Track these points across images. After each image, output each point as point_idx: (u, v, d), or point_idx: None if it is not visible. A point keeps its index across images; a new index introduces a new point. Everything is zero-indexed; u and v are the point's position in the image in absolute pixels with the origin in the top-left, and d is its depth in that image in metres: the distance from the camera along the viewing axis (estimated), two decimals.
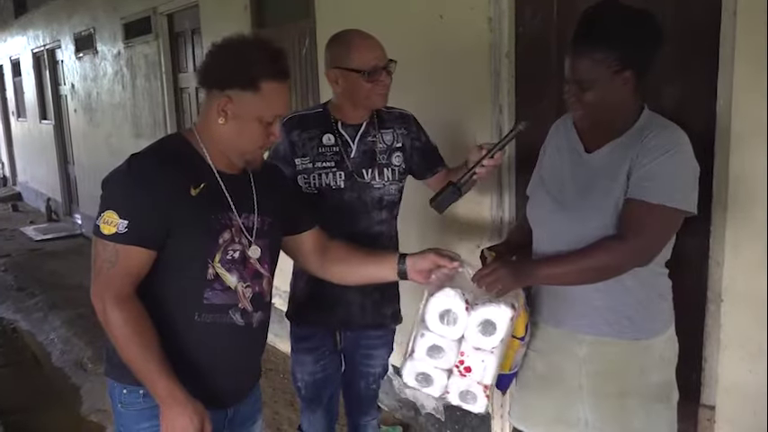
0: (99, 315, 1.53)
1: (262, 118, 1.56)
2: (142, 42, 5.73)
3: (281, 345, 4.33)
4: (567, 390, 1.74)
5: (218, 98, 1.54)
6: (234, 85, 1.52)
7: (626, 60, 1.55)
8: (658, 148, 1.56)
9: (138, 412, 1.61)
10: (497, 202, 2.62)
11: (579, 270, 1.61)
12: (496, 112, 2.53)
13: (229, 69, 1.53)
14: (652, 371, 1.69)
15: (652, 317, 1.68)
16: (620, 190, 1.59)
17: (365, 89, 2.02)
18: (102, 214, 1.51)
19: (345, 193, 2.10)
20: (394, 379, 3.27)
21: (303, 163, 2.10)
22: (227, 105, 1.53)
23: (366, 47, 2.01)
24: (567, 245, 1.66)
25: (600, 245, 1.59)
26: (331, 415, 2.35)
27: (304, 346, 2.25)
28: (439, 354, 1.70)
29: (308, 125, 2.11)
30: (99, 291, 1.52)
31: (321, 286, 2.16)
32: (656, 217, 1.55)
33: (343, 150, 2.10)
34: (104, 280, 1.51)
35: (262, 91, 1.52)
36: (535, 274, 1.66)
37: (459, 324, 1.63)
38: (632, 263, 1.60)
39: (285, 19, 3.93)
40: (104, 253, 1.51)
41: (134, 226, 1.48)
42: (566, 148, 1.76)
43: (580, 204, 1.66)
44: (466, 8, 2.59)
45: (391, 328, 2.33)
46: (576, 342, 1.71)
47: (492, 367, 1.65)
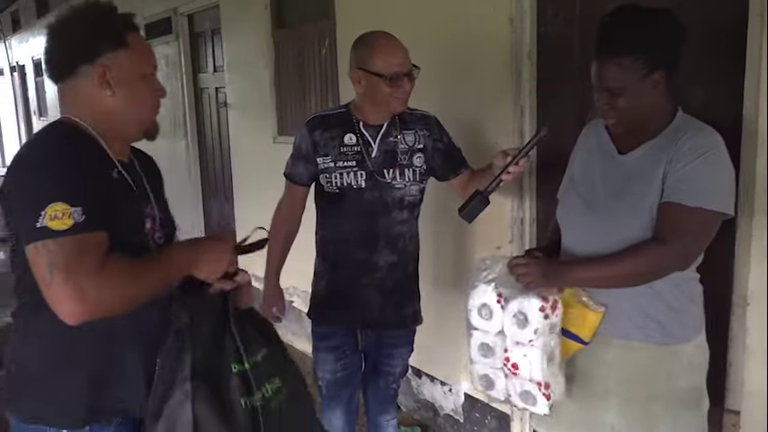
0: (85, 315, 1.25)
1: (144, 74, 1.45)
2: (163, 43, 5.76)
3: (298, 343, 4.35)
4: (592, 394, 1.73)
5: (93, 72, 1.39)
6: (105, 49, 1.39)
7: (654, 62, 1.53)
8: (694, 150, 1.54)
9: None
10: (518, 204, 2.61)
11: (616, 274, 1.60)
12: (518, 113, 2.52)
13: (94, 36, 1.39)
14: (680, 377, 1.66)
15: (682, 322, 1.66)
16: (654, 193, 1.57)
17: (385, 93, 2.03)
18: (45, 211, 1.24)
19: (366, 192, 2.11)
20: (413, 379, 3.29)
21: (325, 162, 2.11)
22: (108, 74, 1.39)
23: (390, 51, 2.02)
24: (598, 247, 1.64)
25: (637, 249, 1.57)
26: (351, 414, 2.35)
27: (325, 344, 2.26)
28: (490, 352, 1.73)
29: (330, 125, 2.13)
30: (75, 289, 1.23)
31: (341, 286, 2.18)
32: (695, 220, 1.53)
33: (364, 150, 2.11)
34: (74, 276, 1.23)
35: (131, 45, 1.42)
36: (571, 276, 1.65)
37: (495, 317, 1.68)
38: (671, 267, 1.59)
39: (305, 19, 3.94)
40: (62, 253, 1.24)
41: (92, 210, 1.27)
42: (597, 151, 1.74)
43: (613, 206, 1.64)
44: (488, 8, 2.57)
45: (412, 329, 2.33)
46: (604, 346, 1.69)
47: (537, 361, 1.64)
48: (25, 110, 12.50)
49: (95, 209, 1.28)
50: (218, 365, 1.38)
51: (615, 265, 1.60)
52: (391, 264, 2.17)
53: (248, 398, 1.38)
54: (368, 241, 2.14)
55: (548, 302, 1.62)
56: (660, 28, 1.54)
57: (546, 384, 1.68)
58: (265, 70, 4.24)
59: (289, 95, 4.14)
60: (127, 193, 1.43)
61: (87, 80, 1.40)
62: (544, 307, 1.62)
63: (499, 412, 2.87)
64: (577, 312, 1.67)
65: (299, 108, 4.05)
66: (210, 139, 5.47)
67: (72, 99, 1.44)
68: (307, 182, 2.20)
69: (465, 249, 2.90)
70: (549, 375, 1.67)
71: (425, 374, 3.26)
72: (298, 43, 3.97)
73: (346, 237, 2.15)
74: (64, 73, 1.43)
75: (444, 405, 3.20)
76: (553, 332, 1.66)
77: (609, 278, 1.62)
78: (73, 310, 1.23)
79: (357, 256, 2.15)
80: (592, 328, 1.68)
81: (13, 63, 12.68)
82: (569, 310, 1.68)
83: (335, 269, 2.19)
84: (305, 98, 3.99)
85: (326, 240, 2.21)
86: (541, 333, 1.63)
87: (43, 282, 1.25)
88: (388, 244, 2.15)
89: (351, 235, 2.14)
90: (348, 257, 2.16)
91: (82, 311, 1.24)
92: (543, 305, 1.62)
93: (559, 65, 2.43)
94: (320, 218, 2.23)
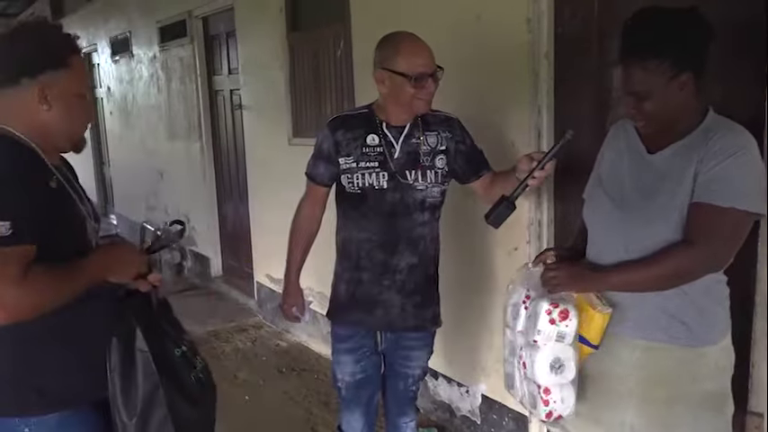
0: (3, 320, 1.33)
1: (80, 92, 1.55)
2: (177, 45, 5.80)
3: (314, 345, 4.36)
4: (613, 393, 1.71)
5: (33, 87, 1.47)
6: (47, 68, 1.48)
7: (680, 64, 1.52)
8: (725, 150, 1.52)
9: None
10: (536, 204, 2.60)
11: (648, 277, 1.59)
12: (535, 114, 2.51)
13: (39, 55, 1.48)
14: (705, 379, 1.65)
15: (708, 324, 1.64)
16: (685, 193, 1.55)
17: (410, 94, 2.03)
18: None
19: (388, 193, 2.11)
20: (429, 381, 3.29)
21: (347, 162, 2.11)
22: (47, 90, 1.47)
23: (415, 52, 2.02)
24: (626, 247, 1.64)
25: (669, 251, 1.55)
26: (370, 416, 2.35)
27: (345, 346, 2.26)
28: (513, 351, 1.77)
29: (352, 125, 2.13)
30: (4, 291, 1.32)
31: (362, 287, 2.18)
32: (727, 220, 1.51)
33: (386, 151, 2.11)
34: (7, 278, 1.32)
35: (72, 66, 1.52)
36: (599, 280, 1.65)
37: (520, 317, 1.71)
38: (702, 270, 1.57)
39: (320, 22, 3.95)
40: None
41: (19, 224, 1.35)
42: (626, 151, 1.73)
43: (642, 206, 1.63)
44: (505, 8, 2.57)
45: (431, 331, 2.33)
46: (628, 347, 1.68)
47: (538, 363, 1.66)
48: None
49: (24, 223, 1.35)
50: (168, 354, 1.57)
51: (644, 268, 1.59)
52: (412, 265, 2.17)
53: (194, 372, 1.62)
54: (389, 242, 2.14)
55: (556, 308, 1.63)
56: (685, 28, 1.52)
57: (546, 390, 1.69)
58: (280, 72, 4.26)
59: (304, 98, 4.15)
60: (66, 199, 1.52)
61: (27, 92, 1.47)
62: (550, 311, 1.63)
63: (516, 413, 2.86)
64: (585, 315, 1.66)
65: (315, 110, 4.06)
66: (225, 141, 5.49)
67: (7, 108, 1.49)
68: (328, 182, 2.20)
69: (482, 251, 2.89)
70: (553, 384, 1.68)
71: (442, 376, 3.26)
72: (313, 46, 3.97)
73: (367, 238, 2.15)
74: (5, 82, 1.49)
75: (461, 406, 3.19)
76: (562, 341, 1.66)
77: (638, 282, 1.61)
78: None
79: (378, 257, 2.15)
80: (599, 330, 1.67)
81: None
82: (579, 314, 1.67)
83: (356, 270, 2.19)
84: (320, 100, 4.00)
85: (347, 241, 2.21)
86: (547, 337, 1.64)
87: None
88: (409, 246, 2.15)
89: (372, 236, 2.14)
90: (369, 259, 2.16)
91: (1, 317, 1.33)
92: (550, 309, 1.63)
93: (577, 65, 2.43)
94: (341, 218, 2.22)
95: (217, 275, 5.87)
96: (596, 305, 1.65)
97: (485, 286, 2.90)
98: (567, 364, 1.67)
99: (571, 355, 1.68)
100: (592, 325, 1.66)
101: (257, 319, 4.98)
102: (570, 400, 1.72)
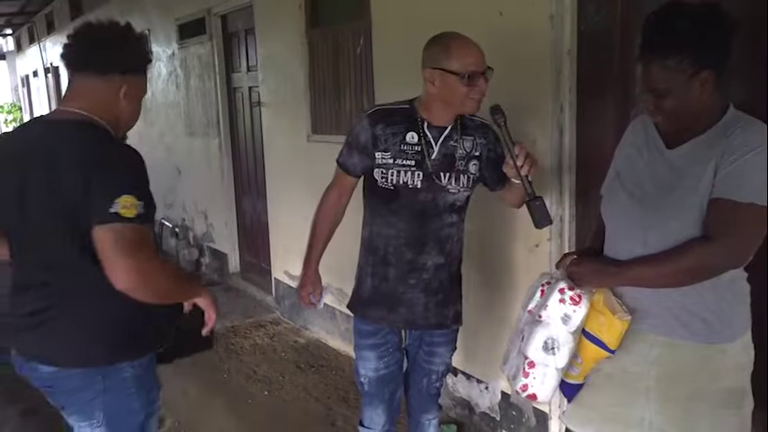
0: (133, 286, 1.62)
1: (143, 95, 1.87)
2: (196, 43, 5.83)
3: (332, 341, 4.38)
4: (631, 390, 1.72)
5: (119, 83, 1.74)
6: (136, 71, 1.80)
7: (700, 61, 1.51)
8: (745, 145, 1.51)
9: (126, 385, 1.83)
10: (557, 201, 2.60)
11: (669, 273, 1.58)
12: (557, 110, 2.51)
13: (135, 58, 1.79)
14: (724, 376, 1.64)
15: (728, 321, 1.64)
16: (705, 188, 1.55)
17: (461, 93, 2.01)
18: (119, 199, 1.58)
19: (421, 193, 2.11)
20: (449, 377, 3.30)
21: (384, 157, 2.11)
22: (128, 88, 1.76)
23: (467, 51, 2.01)
24: (644, 243, 1.63)
25: (689, 247, 1.55)
26: (392, 412, 2.36)
27: (368, 342, 2.27)
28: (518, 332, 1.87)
29: (393, 120, 2.12)
30: (143, 261, 1.61)
31: (388, 284, 2.18)
32: (748, 216, 1.50)
33: (425, 150, 2.10)
34: (145, 252, 1.63)
35: (144, 75, 1.84)
36: (621, 275, 1.66)
37: (534, 298, 1.78)
38: (722, 265, 1.57)
39: (340, 18, 3.96)
40: (129, 235, 1.60)
41: (146, 204, 1.65)
42: (644, 146, 1.72)
43: (660, 201, 1.62)
44: (526, 5, 2.57)
45: (453, 329, 2.34)
46: (648, 344, 1.68)
47: (533, 334, 1.73)
48: None
49: (148, 203, 1.66)
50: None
51: (664, 263, 1.58)
52: (438, 265, 2.18)
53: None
54: (418, 241, 2.14)
55: (571, 290, 1.67)
56: (706, 26, 1.51)
57: (531, 363, 1.74)
58: (299, 69, 4.27)
59: (323, 95, 4.17)
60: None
61: (113, 85, 1.74)
62: (564, 290, 1.68)
63: (537, 410, 2.86)
64: (605, 318, 1.67)
65: (334, 107, 4.07)
66: (244, 138, 5.52)
67: (91, 93, 1.73)
68: (359, 173, 2.19)
69: (504, 247, 2.89)
70: (540, 361, 1.72)
71: (462, 372, 3.27)
72: (332, 42, 3.98)
73: (396, 234, 2.15)
74: (97, 70, 1.73)
75: (480, 403, 3.20)
76: (565, 324, 1.68)
77: (656, 276, 1.61)
78: (128, 280, 1.60)
79: (406, 255, 2.15)
80: (617, 335, 1.67)
81: (48, 64, 12.91)
82: (598, 316, 1.68)
83: (383, 266, 2.19)
84: (339, 97, 4.01)
85: (375, 236, 2.20)
86: (552, 315, 1.68)
87: (105, 255, 1.59)
88: (436, 245, 2.15)
89: (401, 233, 2.14)
90: (396, 256, 2.16)
91: (134, 283, 1.61)
92: (564, 288, 1.68)
93: (600, 62, 2.42)
94: (369, 213, 2.22)
95: (234, 272, 5.91)
96: (617, 311, 1.66)
97: (506, 283, 2.90)
98: (561, 350, 1.70)
99: (568, 343, 1.70)
100: (611, 330, 1.67)
101: (275, 315, 5.01)
102: (550, 386, 1.76)
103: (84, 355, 1.76)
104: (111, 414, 1.81)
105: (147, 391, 1.88)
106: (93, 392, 1.78)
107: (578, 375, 1.77)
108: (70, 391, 1.79)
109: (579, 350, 1.73)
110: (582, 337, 1.72)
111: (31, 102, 16.02)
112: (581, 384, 1.82)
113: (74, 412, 1.84)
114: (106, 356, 1.77)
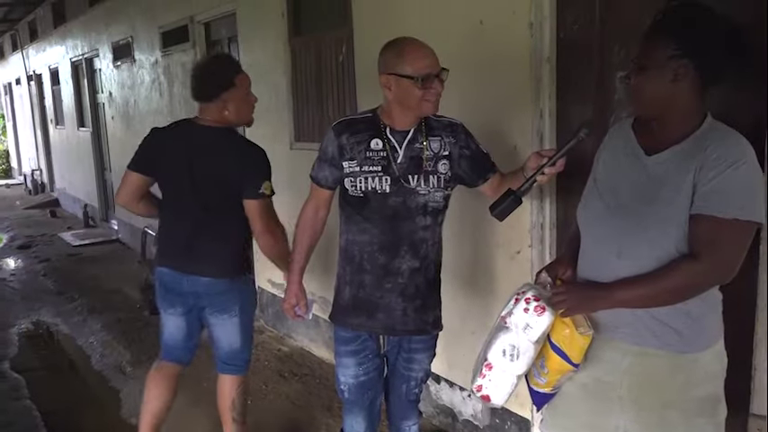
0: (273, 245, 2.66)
1: (243, 98, 2.70)
2: (179, 51, 5.81)
3: (316, 350, 4.36)
4: (605, 399, 1.72)
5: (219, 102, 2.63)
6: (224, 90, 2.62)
7: (683, 48, 1.53)
8: (723, 159, 1.51)
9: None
10: (538, 208, 2.61)
11: (657, 293, 1.58)
12: (537, 118, 2.53)
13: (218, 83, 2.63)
14: (697, 384, 1.65)
15: (701, 330, 1.64)
16: (683, 202, 1.55)
17: (417, 96, 2.04)
18: (264, 183, 2.59)
19: (391, 197, 2.12)
20: (431, 385, 3.29)
21: (350, 166, 2.13)
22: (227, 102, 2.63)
23: (420, 54, 2.04)
24: (619, 252, 1.64)
25: (675, 266, 1.55)
26: (373, 419, 2.35)
27: (347, 348, 2.27)
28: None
29: (357, 129, 2.15)
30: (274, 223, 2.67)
31: (364, 291, 2.19)
32: (731, 232, 1.51)
33: (390, 155, 2.12)
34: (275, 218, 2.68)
35: (237, 84, 2.66)
36: (609, 298, 1.65)
37: (508, 304, 1.77)
38: (710, 282, 1.58)
39: (322, 27, 3.97)
40: (269, 208, 2.65)
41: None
42: (622, 152, 1.73)
43: (637, 211, 1.62)
44: (507, 13, 2.58)
45: (433, 334, 2.33)
46: (620, 353, 1.68)
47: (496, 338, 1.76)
48: (42, 118, 12.62)
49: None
50: None
51: (652, 284, 1.58)
52: (414, 269, 2.18)
53: None
54: (391, 245, 2.15)
55: (537, 301, 1.68)
56: (697, 20, 1.54)
57: (488, 365, 1.76)
58: (282, 77, 4.27)
59: (306, 102, 4.17)
60: None
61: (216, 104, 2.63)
62: (529, 299, 1.69)
63: (519, 417, 2.86)
64: (569, 332, 1.67)
65: (317, 115, 4.07)
66: None
67: (210, 110, 2.65)
68: (332, 185, 2.22)
69: (485, 254, 2.90)
70: (497, 365, 1.74)
71: (444, 380, 3.26)
72: (315, 50, 3.99)
73: (369, 241, 2.16)
74: (207, 99, 2.64)
75: (463, 410, 3.19)
76: (527, 333, 1.69)
77: (646, 298, 1.61)
78: (267, 241, 2.65)
79: (380, 260, 2.16)
80: (579, 350, 1.68)
81: (30, 72, 12.82)
82: (564, 328, 1.69)
83: (358, 273, 2.20)
84: (322, 105, 4.01)
85: (350, 244, 2.21)
86: (515, 323, 1.70)
87: (255, 220, 2.61)
88: (410, 249, 2.16)
89: (374, 239, 2.15)
90: (371, 262, 2.17)
91: (272, 240, 2.65)
92: (530, 298, 1.70)
93: (579, 70, 2.44)
94: (344, 222, 2.23)
95: None
96: (579, 325, 1.67)
97: (487, 289, 2.90)
98: (520, 358, 1.71)
99: (529, 351, 1.71)
100: (573, 344, 1.67)
101: (259, 323, 4.98)
102: (504, 391, 1.77)
103: (230, 269, 2.70)
104: (242, 307, 2.75)
105: (254, 292, 2.95)
106: (233, 293, 2.71)
107: (546, 385, 1.77)
108: (218, 294, 2.69)
109: (546, 360, 1.73)
110: (549, 348, 1.72)
111: (13, 109, 15.88)
112: (551, 394, 1.82)
113: (217, 309, 2.72)
114: (240, 269, 2.74)
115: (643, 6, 2.06)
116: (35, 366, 4.59)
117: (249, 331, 2.86)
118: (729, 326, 1.71)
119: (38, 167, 13.48)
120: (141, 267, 6.81)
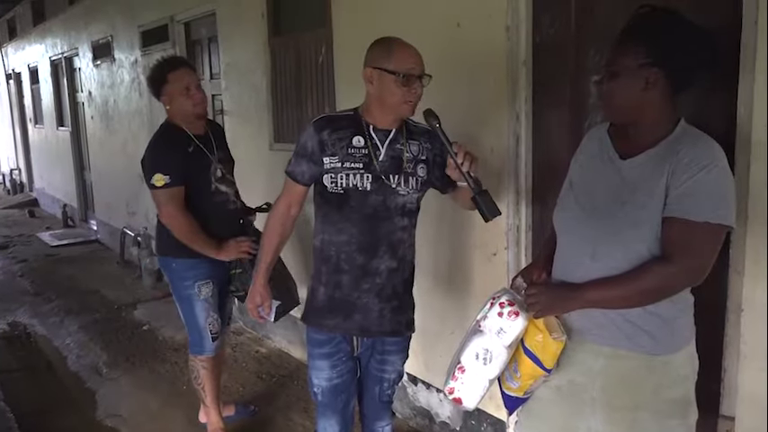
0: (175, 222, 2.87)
1: (182, 92, 2.91)
2: (159, 50, 5.76)
3: (294, 351, 4.35)
4: (577, 401, 1.73)
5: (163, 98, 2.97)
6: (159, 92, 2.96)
7: (653, 56, 1.54)
8: (695, 163, 1.53)
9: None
10: (514, 210, 2.62)
11: (629, 294, 1.59)
12: (513, 120, 2.54)
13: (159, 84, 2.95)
14: (668, 387, 1.66)
15: (672, 332, 1.65)
16: (656, 205, 1.57)
17: (398, 94, 2.04)
18: (155, 175, 2.80)
19: (371, 195, 2.11)
20: (408, 387, 3.29)
21: (331, 162, 2.11)
22: (167, 99, 2.92)
23: (407, 54, 2.05)
24: (593, 254, 1.65)
25: (647, 268, 1.57)
26: (346, 422, 2.34)
27: (321, 351, 2.25)
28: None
29: (339, 125, 2.13)
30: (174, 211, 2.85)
31: (340, 291, 2.18)
32: (702, 235, 1.52)
33: (372, 153, 2.11)
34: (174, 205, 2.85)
35: (170, 80, 2.91)
36: (580, 299, 1.66)
37: (484, 307, 1.78)
38: (682, 284, 1.59)
39: (301, 27, 3.95)
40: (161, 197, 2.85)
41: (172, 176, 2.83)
42: (598, 156, 1.74)
43: (611, 214, 1.63)
44: (484, 17, 2.59)
45: (406, 336, 2.33)
46: (593, 355, 1.70)
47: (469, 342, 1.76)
48: (20, 117, 12.47)
49: (175, 174, 2.81)
50: None
51: (624, 285, 1.59)
52: (392, 269, 2.18)
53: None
54: (370, 246, 2.14)
55: (511, 306, 1.69)
56: (667, 27, 1.55)
57: (461, 368, 1.76)
58: (262, 78, 4.26)
59: (285, 103, 4.15)
60: (200, 156, 2.93)
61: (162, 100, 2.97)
62: (503, 304, 1.71)
63: (495, 419, 2.87)
64: (542, 337, 1.68)
65: (296, 116, 4.06)
66: None
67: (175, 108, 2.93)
68: (308, 181, 2.19)
69: (462, 256, 2.91)
70: (470, 368, 1.74)
71: (421, 381, 3.26)
72: (294, 51, 3.97)
73: (348, 240, 2.14)
74: (156, 95, 2.98)
75: (440, 412, 3.19)
76: (501, 338, 1.69)
77: (618, 299, 1.62)
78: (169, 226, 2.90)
79: (358, 260, 2.15)
80: (551, 355, 1.69)
81: (9, 70, 12.67)
82: (537, 333, 1.69)
83: (335, 273, 2.18)
84: (301, 106, 4.00)
85: (326, 244, 2.19)
86: (489, 327, 1.71)
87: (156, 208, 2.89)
88: (389, 249, 2.16)
89: (353, 239, 2.13)
90: (349, 262, 2.15)
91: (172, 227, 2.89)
92: (504, 302, 1.71)
93: (555, 73, 2.45)
94: (320, 221, 2.21)
95: None
96: (553, 331, 1.67)
97: (464, 291, 2.91)
98: (493, 362, 1.72)
99: (501, 355, 1.71)
100: (545, 349, 1.68)
101: (237, 325, 4.96)
102: (476, 394, 1.77)
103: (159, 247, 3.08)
104: (173, 287, 3.08)
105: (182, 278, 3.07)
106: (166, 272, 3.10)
107: (518, 390, 1.78)
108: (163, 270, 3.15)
109: (519, 364, 1.74)
110: (522, 353, 1.73)
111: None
112: (523, 399, 1.83)
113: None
114: (165, 250, 3.04)
115: (618, 11, 2.08)
116: (11, 368, 4.52)
117: (187, 314, 3.05)
118: (700, 328, 1.73)
119: (16, 167, 13.31)
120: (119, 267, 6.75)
